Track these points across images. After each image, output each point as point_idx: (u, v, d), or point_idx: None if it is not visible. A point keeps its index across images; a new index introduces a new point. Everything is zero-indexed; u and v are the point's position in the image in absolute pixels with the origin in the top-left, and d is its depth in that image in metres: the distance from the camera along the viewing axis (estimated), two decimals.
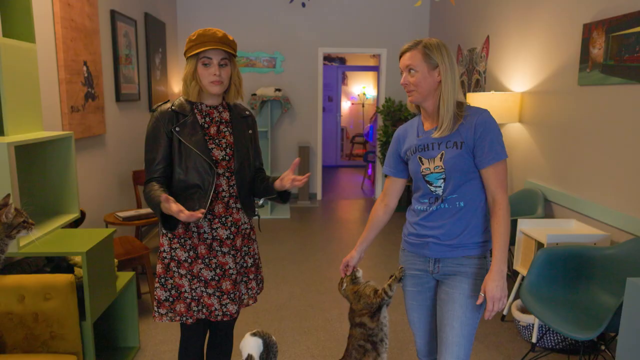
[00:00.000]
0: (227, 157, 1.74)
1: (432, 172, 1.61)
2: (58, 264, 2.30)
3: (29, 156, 2.35)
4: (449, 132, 1.59)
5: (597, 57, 2.78)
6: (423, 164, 1.63)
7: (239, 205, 1.78)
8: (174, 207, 1.48)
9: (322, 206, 6.27)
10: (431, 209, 1.64)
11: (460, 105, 1.62)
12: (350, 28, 6.32)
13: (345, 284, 1.99)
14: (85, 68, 3.31)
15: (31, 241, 2.06)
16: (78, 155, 3.21)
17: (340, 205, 6.34)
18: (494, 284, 1.51)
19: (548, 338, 2.63)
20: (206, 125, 1.74)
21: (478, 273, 1.63)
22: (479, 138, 1.56)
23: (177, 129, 1.69)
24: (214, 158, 1.71)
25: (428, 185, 1.64)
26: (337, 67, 9.66)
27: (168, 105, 1.74)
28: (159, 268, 1.77)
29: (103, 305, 2.20)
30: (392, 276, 1.81)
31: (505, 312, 3.08)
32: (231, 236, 1.77)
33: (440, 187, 1.61)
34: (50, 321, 1.92)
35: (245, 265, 1.84)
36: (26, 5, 2.26)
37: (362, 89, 10.16)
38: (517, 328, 2.91)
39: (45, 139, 2.15)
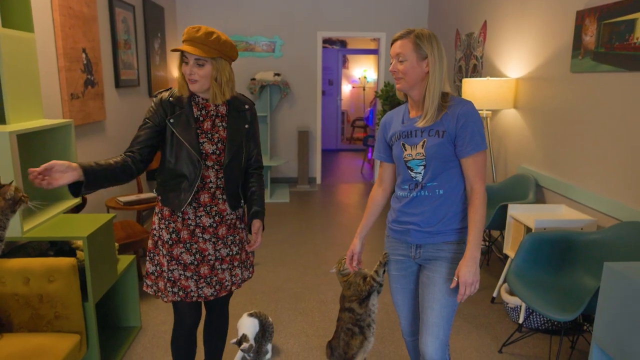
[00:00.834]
0: (217, 151, 1.78)
1: (413, 159, 1.68)
2: (61, 247, 2.39)
3: (30, 144, 2.42)
4: (432, 122, 1.64)
5: (589, 44, 2.80)
6: (405, 150, 1.69)
7: (225, 197, 1.83)
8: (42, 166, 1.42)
9: (321, 190, 6.35)
10: (411, 195, 1.71)
11: (445, 96, 1.67)
12: (349, 12, 6.30)
13: (334, 269, 2.08)
14: (84, 55, 3.35)
15: (35, 225, 2.14)
16: (78, 142, 3.28)
17: (339, 189, 6.41)
18: (467, 269, 1.59)
19: (533, 319, 2.72)
20: (201, 119, 1.78)
21: (456, 258, 1.70)
22: (460, 128, 1.61)
23: (171, 120, 1.74)
24: (203, 152, 1.76)
25: (409, 171, 1.70)
26: (337, 51, 9.62)
27: (167, 94, 1.79)
28: (150, 243, 1.86)
29: (105, 287, 2.30)
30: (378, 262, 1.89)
31: (494, 295, 3.17)
32: (214, 224, 1.82)
33: (420, 173, 1.68)
34: (54, 302, 2.02)
35: (230, 253, 1.89)
36: None
37: (363, 72, 10.13)
38: (505, 310, 3.00)
39: (46, 127, 2.21)
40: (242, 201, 1.92)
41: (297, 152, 6.50)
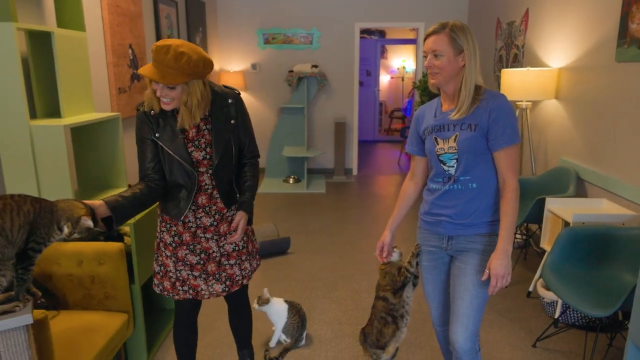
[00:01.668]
0: (207, 156, 1.77)
1: (445, 152, 1.69)
2: (110, 233, 2.56)
3: (82, 136, 2.59)
4: (465, 114, 1.65)
5: (635, 32, 2.69)
6: (438, 144, 1.71)
7: (221, 197, 1.83)
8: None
9: (357, 181, 6.38)
10: (444, 188, 1.73)
11: (478, 89, 1.67)
12: (387, 2, 6.25)
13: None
14: (130, 51, 3.53)
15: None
16: (125, 134, 3.47)
17: (375, 181, 6.43)
18: (498, 262, 1.60)
19: (570, 314, 2.68)
20: (178, 124, 1.74)
21: (488, 250, 1.71)
22: (493, 122, 1.62)
23: (157, 135, 1.73)
24: (194, 160, 1.76)
25: (441, 165, 1.72)
26: (376, 41, 9.55)
27: (148, 106, 1.75)
28: (155, 244, 1.93)
29: (149, 271, 2.45)
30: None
31: (531, 289, 3.12)
32: (215, 223, 1.84)
33: (453, 167, 1.69)
34: (104, 283, 2.18)
35: (236, 248, 1.91)
36: None
37: (401, 62, 10.02)
38: (541, 304, 2.96)
39: (96, 120, 2.37)
40: (239, 196, 1.90)
41: (333, 143, 6.55)
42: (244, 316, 2.15)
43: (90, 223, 1.39)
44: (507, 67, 4.70)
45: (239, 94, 1.88)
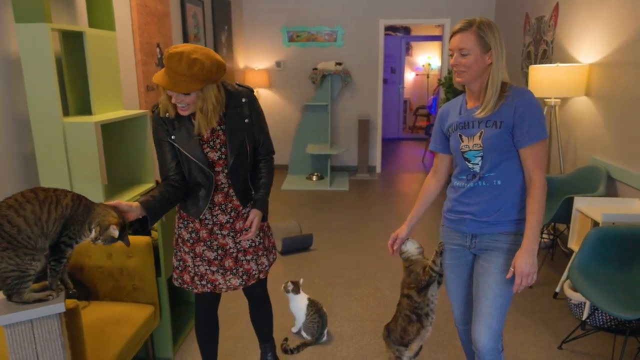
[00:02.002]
0: (222, 156, 1.79)
1: (470, 150, 1.67)
2: (145, 232, 2.63)
3: (111, 132, 2.67)
4: (490, 112, 1.63)
5: None
6: (462, 141, 1.69)
7: (237, 195, 1.86)
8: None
9: (381, 179, 6.36)
10: (468, 185, 1.71)
11: (504, 86, 1.65)
12: None
13: (400, 255, 2.10)
14: (158, 49, 3.61)
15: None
16: None
17: (399, 179, 6.39)
18: (523, 260, 1.58)
19: (598, 316, 2.61)
20: (195, 129, 1.76)
21: (513, 249, 1.68)
22: (518, 118, 1.59)
23: (173, 137, 1.75)
24: (210, 160, 1.78)
25: (466, 162, 1.70)
26: (400, 38, 9.47)
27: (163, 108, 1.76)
28: (174, 240, 1.97)
29: None
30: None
31: (557, 290, 3.06)
32: (231, 220, 1.87)
33: (478, 164, 1.67)
34: (132, 275, 2.24)
35: (253, 244, 1.94)
36: None
37: (427, 59, 9.91)
38: (568, 306, 2.90)
39: (125, 118, 2.44)
40: (254, 193, 1.92)
41: (357, 141, 6.54)
42: (265, 311, 2.18)
43: (116, 233, 1.42)
44: (535, 63, 4.60)
45: (253, 91, 1.88)
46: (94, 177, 2.23)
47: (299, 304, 2.62)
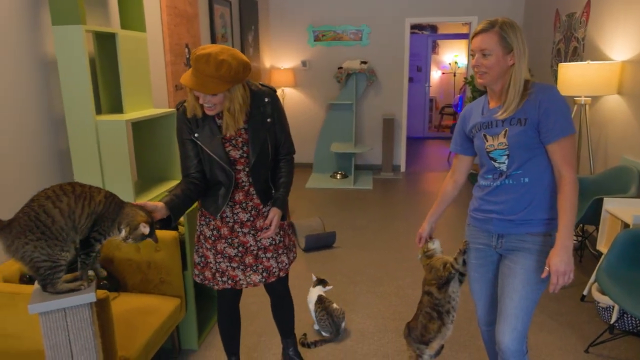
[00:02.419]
0: (244, 155, 1.82)
1: (496, 149, 1.66)
2: (169, 229, 2.71)
3: (141, 130, 2.76)
4: (512, 114, 1.62)
5: None
6: (487, 141, 1.68)
7: (257, 194, 1.89)
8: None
9: (405, 178, 6.33)
10: (495, 184, 1.70)
11: (526, 83, 1.63)
12: None
13: (420, 255, 2.12)
14: (186, 50, 3.69)
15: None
16: None
17: (424, 178, 6.34)
18: (559, 258, 1.54)
19: (627, 320, 2.55)
20: (222, 129, 1.79)
21: (541, 250, 1.65)
22: (543, 114, 1.57)
23: (196, 134, 1.78)
24: (231, 159, 1.81)
25: (492, 162, 1.69)
26: (427, 36, 9.38)
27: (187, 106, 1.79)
28: (195, 237, 2.01)
29: None
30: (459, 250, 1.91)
31: (585, 293, 2.99)
32: (251, 218, 1.90)
33: (504, 163, 1.66)
34: (159, 269, 2.32)
35: (273, 242, 1.96)
36: None
37: (454, 57, 9.78)
38: (596, 309, 2.83)
39: (154, 116, 2.52)
40: (274, 192, 1.94)
41: (381, 140, 6.52)
42: (286, 307, 2.21)
43: (146, 230, 1.48)
44: (565, 60, 4.49)
45: (275, 91, 1.89)
46: (124, 173, 2.31)
47: (310, 297, 2.69)
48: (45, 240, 1.34)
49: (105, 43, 2.51)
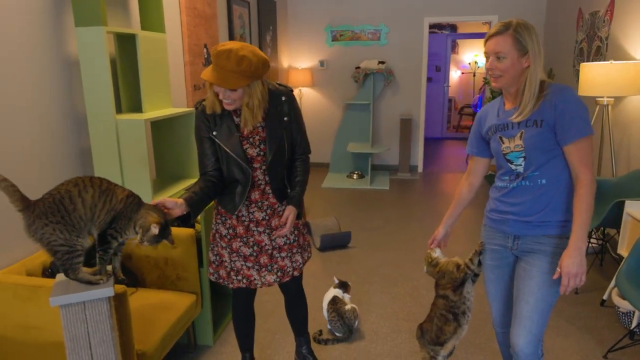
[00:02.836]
0: (261, 153, 1.84)
1: (512, 151, 1.65)
2: (188, 226, 2.75)
3: (160, 129, 2.81)
4: (529, 115, 1.60)
5: None
6: (503, 143, 1.67)
7: (273, 192, 1.90)
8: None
9: (422, 179, 6.29)
10: (511, 185, 1.68)
11: (542, 84, 1.61)
12: None
13: (425, 268, 2.12)
14: (205, 50, 3.74)
15: None
16: None
17: (441, 179, 6.29)
18: (571, 260, 1.53)
19: None
20: (241, 125, 1.82)
21: (558, 252, 1.63)
22: (559, 115, 1.55)
23: (214, 133, 1.81)
24: (248, 156, 1.83)
25: (509, 164, 1.67)
26: (446, 36, 9.29)
27: (206, 105, 1.83)
28: (210, 235, 2.03)
29: None
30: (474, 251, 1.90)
31: (605, 297, 2.93)
32: (266, 217, 1.92)
33: (521, 165, 1.64)
34: (176, 265, 2.36)
35: (287, 242, 1.98)
36: (158, 0, 2.66)
37: (473, 57, 9.67)
38: (616, 314, 2.77)
39: (173, 115, 2.56)
40: (289, 191, 1.95)
41: (399, 140, 6.50)
42: (300, 306, 2.23)
43: (155, 231, 1.49)
44: (588, 60, 4.40)
45: (292, 90, 1.93)
46: (142, 170, 2.36)
47: (326, 297, 2.72)
48: (64, 225, 1.38)
49: (126, 44, 2.57)
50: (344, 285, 2.77)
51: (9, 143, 2.00)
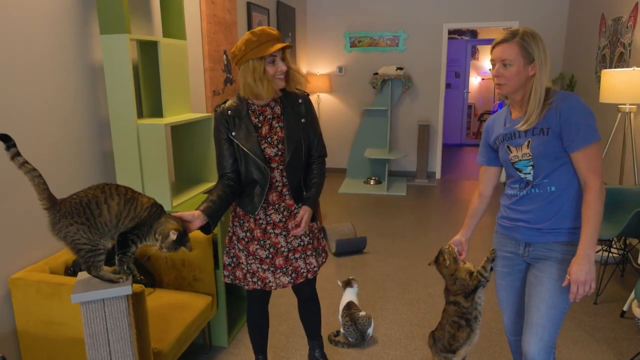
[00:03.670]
0: (279, 153, 1.88)
1: (520, 160, 1.65)
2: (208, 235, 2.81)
3: (179, 133, 2.88)
4: (535, 123, 1.60)
5: None
6: (511, 152, 1.68)
7: (291, 193, 1.94)
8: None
9: (440, 185, 6.25)
10: (522, 193, 1.69)
11: (547, 91, 1.61)
12: (477, 1, 6.04)
13: (437, 261, 2.11)
14: (224, 57, 3.82)
15: (182, 202, 2.56)
16: None
17: (459, 185, 6.24)
18: (579, 267, 1.52)
19: None
20: (259, 125, 1.88)
21: (568, 259, 1.63)
22: (565, 123, 1.55)
23: (233, 133, 1.86)
24: (267, 156, 1.87)
25: (518, 172, 1.68)
26: (466, 42, 9.23)
27: (225, 107, 1.89)
28: (227, 238, 2.06)
29: None
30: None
31: (625, 308, 2.87)
32: (283, 219, 1.95)
33: (530, 173, 1.64)
34: (193, 267, 2.41)
35: (302, 243, 2.00)
36: (180, 8, 2.74)
37: (488, 70, 9.57)
38: (636, 326, 2.71)
39: (192, 120, 2.63)
40: (305, 192, 1.99)
41: (416, 146, 6.48)
42: (313, 309, 2.24)
43: (173, 237, 1.52)
44: (611, 66, 4.33)
45: (308, 95, 2.00)
46: (162, 173, 2.42)
47: (342, 301, 2.72)
48: (88, 227, 1.43)
49: (148, 50, 2.65)
50: (349, 284, 2.77)
51: (36, 145, 2.09)
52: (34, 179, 1.38)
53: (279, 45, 1.77)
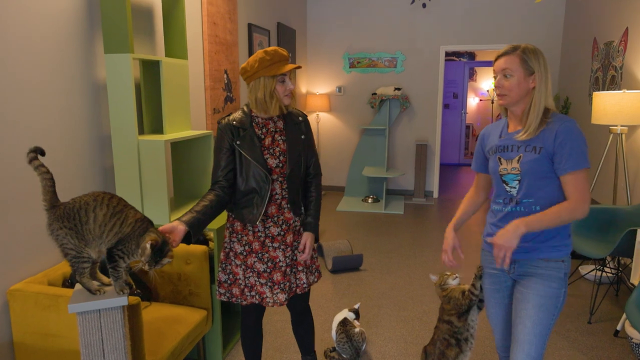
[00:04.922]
0: (280, 164, 1.95)
1: (508, 173, 1.70)
2: (189, 244, 2.84)
3: (179, 150, 2.94)
4: (532, 136, 1.66)
5: None
6: (501, 164, 1.73)
7: (289, 205, 1.99)
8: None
9: (437, 204, 6.29)
10: (506, 209, 1.73)
11: (547, 112, 1.67)
12: (473, 24, 6.18)
13: (436, 284, 2.14)
14: (225, 76, 3.91)
15: (179, 218, 2.60)
16: None
17: (457, 205, 6.28)
18: (503, 232, 1.58)
19: None
20: (262, 136, 1.95)
21: (554, 276, 1.67)
22: (559, 145, 1.60)
23: (238, 142, 1.92)
24: (269, 167, 1.93)
25: (504, 185, 1.73)
26: (464, 63, 9.40)
27: (230, 118, 1.96)
28: (222, 255, 2.06)
29: None
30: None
31: (619, 328, 2.88)
32: (282, 233, 1.99)
33: (515, 187, 1.69)
34: (189, 281, 2.44)
35: (294, 258, 2.04)
36: (182, 28, 2.83)
37: (491, 84, 9.72)
38: (629, 345, 2.72)
39: (192, 137, 2.69)
40: (303, 208, 2.07)
41: (414, 165, 6.54)
42: (306, 324, 2.26)
43: (148, 248, 1.47)
44: (603, 89, 4.42)
45: (306, 116, 2.11)
46: (161, 188, 2.47)
47: (336, 317, 2.74)
48: (75, 233, 1.45)
49: (151, 69, 2.72)
50: (356, 313, 2.78)
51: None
52: (43, 180, 1.45)
53: (291, 66, 1.88)
